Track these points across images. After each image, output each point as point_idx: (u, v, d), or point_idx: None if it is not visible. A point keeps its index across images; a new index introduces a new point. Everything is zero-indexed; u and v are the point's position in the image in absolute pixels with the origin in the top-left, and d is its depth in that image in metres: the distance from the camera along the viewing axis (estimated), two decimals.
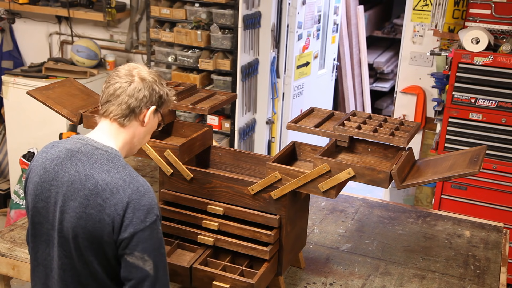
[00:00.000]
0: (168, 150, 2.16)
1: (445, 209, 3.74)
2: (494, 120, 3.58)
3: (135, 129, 1.71)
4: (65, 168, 1.62)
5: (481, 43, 3.51)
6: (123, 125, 1.68)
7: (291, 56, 4.99)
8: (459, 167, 1.97)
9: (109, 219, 1.55)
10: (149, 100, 1.68)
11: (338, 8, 5.78)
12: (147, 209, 1.57)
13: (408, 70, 4.49)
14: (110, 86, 1.67)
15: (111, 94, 1.67)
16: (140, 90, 1.66)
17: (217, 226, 2.10)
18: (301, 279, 2.25)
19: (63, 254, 1.62)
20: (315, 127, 2.20)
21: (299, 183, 2.00)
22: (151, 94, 1.68)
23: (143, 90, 1.67)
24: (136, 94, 1.66)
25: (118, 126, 1.68)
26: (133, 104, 1.66)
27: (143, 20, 5.08)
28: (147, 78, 1.68)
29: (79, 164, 1.61)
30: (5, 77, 4.78)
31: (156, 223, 1.59)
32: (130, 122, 1.68)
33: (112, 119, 1.68)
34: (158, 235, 1.60)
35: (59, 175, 1.62)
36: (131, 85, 1.66)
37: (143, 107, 1.68)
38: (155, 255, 1.58)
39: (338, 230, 2.63)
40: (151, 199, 1.60)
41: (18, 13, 5.33)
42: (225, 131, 4.78)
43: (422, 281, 2.27)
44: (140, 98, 1.66)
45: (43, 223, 1.66)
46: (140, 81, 1.67)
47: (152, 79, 1.69)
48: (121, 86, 1.66)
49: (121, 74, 1.68)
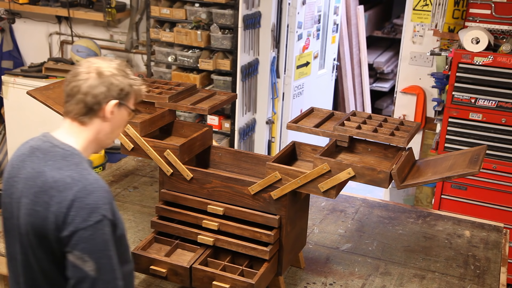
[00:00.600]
0: (168, 150, 2.16)
1: (445, 209, 3.74)
2: (494, 120, 3.58)
3: (98, 126, 1.67)
4: (25, 165, 1.62)
5: (481, 43, 3.50)
6: (84, 123, 1.66)
7: (291, 56, 4.99)
8: (459, 167, 1.97)
9: (53, 216, 1.52)
10: (107, 96, 1.64)
11: (338, 8, 5.78)
12: (91, 208, 1.52)
13: (408, 70, 4.49)
14: (68, 85, 1.65)
15: (69, 93, 1.65)
16: (96, 86, 1.62)
17: (217, 226, 2.10)
18: (301, 279, 2.25)
19: (21, 250, 1.63)
20: (315, 127, 2.20)
21: (299, 183, 2.00)
22: (109, 88, 1.64)
23: (100, 86, 1.63)
24: (92, 91, 1.62)
25: (78, 125, 1.66)
26: (90, 101, 1.63)
27: (143, 20, 5.08)
28: (104, 72, 1.64)
29: (36, 161, 1.61)
30: (5, 77, 4.78)
31: (102, 223, 1.53)
32: (91, 119, 1.65)
33: (72, 118, 1.66)
34: (103, 236, 1.53)
35: (20, 172, 1.62)
36: (87, 82, 1.62)
37: (102, 102, 1.64)
38: (99, 257, 1.52)
39: (338, 230, 2.63)
40: (98, 199, 1.54)
41: (18, 13, 5.33)
42: (225, 131, 4.78)
43: (422, 281, 2.27)
44: (97, 94, 1.62)
45: (9, 219, 1.67)
46: (96, 77, 1.63)
47: (110, 72, 1.65)
48: (77, 84, 1.63)
49: (78, 71, 1.65)
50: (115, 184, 2.95)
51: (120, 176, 3.05)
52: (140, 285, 2.16)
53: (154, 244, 2.20)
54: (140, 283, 2.17)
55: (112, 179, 3.00)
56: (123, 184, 2.96)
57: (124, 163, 3.22)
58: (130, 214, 2.66)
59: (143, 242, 2.16)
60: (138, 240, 2.44)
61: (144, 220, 2.60)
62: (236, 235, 2.10)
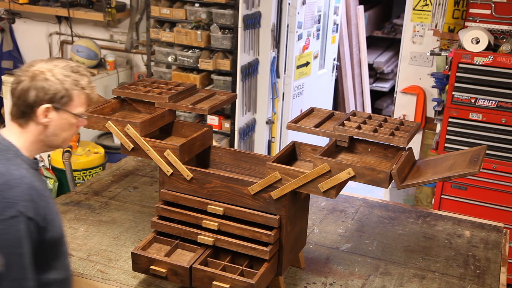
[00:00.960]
0: (168, 150, 2.16)
1: (445, 209, 3.74)
2: (494, 120, 3.58)
3: (35, 129, 1.66)
4: None
5: (481, 43, 3.51)
6: (21, 125, 1.65)
7: (291, 56, 4.99)
8: (459, 167, 1.97)
9: None
10: (37, 100, 1.61)
11: (338, 8, 5.78)
12: (8, 202, 1.50)
13: (408, 70, 4.49)
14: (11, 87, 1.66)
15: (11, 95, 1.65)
16: (27, 90, 1.60)
17: (217, 226, 2.10)
18: (301, 279, 2.25)
19: None
20: (315, 127, 2.20)
21: (299, 183, 2.00)
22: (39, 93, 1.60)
23: (31, 90, 1.60)
24: (24, 95, 1.60)
25: (17, 126, 1.66)
26: (21, 105, 1.62)
27: (143, 20, 5.08)
28: (38, 76, 1.60)
29: None
30: (5, 77, 4.77)
31: (17, 219, 1.50)
32: (27, 122, 1.64)
33: (12, 119, 1.67)
34: (17, 233, 1.50)
35: None
36: (20, 85, 1.61)
37: (34, 106, 1.61)
38: (9, 253, 1.49)
39: (338, 230, 2.63)
40: (18, 194, 1.52)
41: (18, 13, 5.33)
42: (225, 131, 4.78)
43: (422, 281, 2.27)
44: (27, 98, 1.60)
45: None
46: (29, 80, 1.60)
47: (44, 76, 1.61)
48: (12, 87, 1.63)
49: (17, 73, 1.64)
50: (115, 184, 2.95)
51: (120, 176, 3.05)
52: (140, 285, 2.16)
53: (154, 244, 2.20)
54: (140, 283, 2.17)
55: (112, 179, 3.00)
56: (123, 184, 2.96)
57: (124, 163, 3.22)
58: (130, 214, 2.66)
59: (143, 242, 2.16)
60: (138, 240, 2.44)
61: (144, 220, 2.60)
62: (236, 235, 2.10)
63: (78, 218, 2.59)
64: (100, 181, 2.98)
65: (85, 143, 4.60)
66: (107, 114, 2.43)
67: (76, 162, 4.31)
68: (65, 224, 1.88)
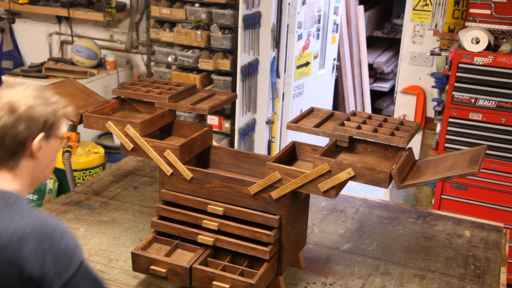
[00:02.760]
0: (168, 150, 2.16)
1: (445, 209, 3.74)
2: (494, 120, 3.58)
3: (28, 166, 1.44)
4: None
5: (481, 43, 3.50)
6: (12, 169, 1.42)
7: (291, 56, 4.99)
8: (459, 167, 1.97)
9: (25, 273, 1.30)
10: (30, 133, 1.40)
11: (338, 8, 5.78)
12: (69, 253, 1.35)
13: (408, 70, 4.49)
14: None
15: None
16: (12, 126, 1.37)
17: (217, 226, 2.10)
18: (301, 279, 2.25)
19: None
20: (315, 127, 2.20)
21: (299, 183, 2.00)
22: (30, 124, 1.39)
23: (17, 124, 1.37)
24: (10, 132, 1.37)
25: (8, 172, 1.42)
26: (10, 144, 1.38)
27: (143, 20, 5.08)
28: (19, 107, 1.38)
29: None
30: (5, 77, 4.78)
31: (83, 264, 1.37)
32: (18, 162, 1.42)
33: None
34: (90, 275, 1.39)
35: None
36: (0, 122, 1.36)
37: (26, 142, 1.40)
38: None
39: (338, 230, 2.63)
40: (69, 241, 1.36)
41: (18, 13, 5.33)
42: (225, 131, 4.78)
43: (422, 281, 2.27)
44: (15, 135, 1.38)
45: None
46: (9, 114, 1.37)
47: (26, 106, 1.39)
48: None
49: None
50: (115, 184, 2.95)
51: (120, 176, 3.05)
52: (140, 285, 2.16)
53: (154, 244, 2.20)
54: (140, 283, 2.17)
55: (112, 179, 3.00)
56: (123, 184, 2.96)
57: (124, 163, 3.22)
58: (130, 214, 2.66)
59: (143, 242, 2.16)
60: (138, 240, 2.44)
61: (144, 220, 2.60)
62: (236, 235, 2.10)
63: (78, 218, 2.59)
64: (100, 181, 2.98)
65: (85, 143, 4.60)
66: (107, 114, 2.43)
67: (76, 162, 4.31)
68: (65, 224, 1.87)
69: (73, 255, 1.36)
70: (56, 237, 1.34)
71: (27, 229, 1.32)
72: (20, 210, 1.36)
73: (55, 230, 1.35)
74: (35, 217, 1.35)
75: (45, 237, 1.32)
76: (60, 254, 1.33)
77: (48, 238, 1.33)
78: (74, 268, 1.35)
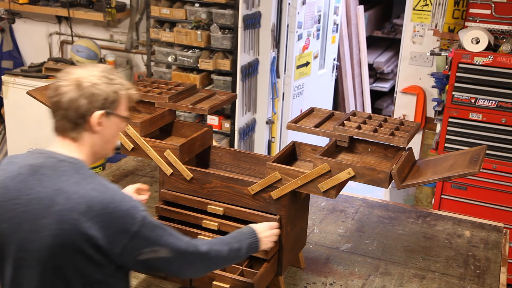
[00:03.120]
0: (168, 150, 2.16)
1: (445, 209, 3.74)
2: (494, 120, 3.58)
3: (89, 139, 1.59)
4: (30, 185, 1.50)
5: (481, 43, 3.51)
6: (75, 139, 1.57)
7: (291, 56, 4.99)
8: (459, 167, 1.97)
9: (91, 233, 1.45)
10: (90, 108, 1.54)
11: (338, 8, 5.78)
12: (131, 212, 1.49)
13: (408, 70, 4.49)
14: (49, 101, 1.57)
15: (53, 109, 1.57)
16: (76, 99, 1.52)
17: (217, 226, 2.10)
18: (301, 279, 2.25)
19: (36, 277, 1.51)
20: (315, 127, 2.20)
21: (299, 183, 2.00)
22: (91, 100, 1.53)
23: (80, 98, 1.52)
24: (73, 105, 1.52)
25: (71, 142, 1.58)
26: (72, 116, 1.53)
27: (143, 20, 5.08)
28: (83, 83, 1.53)
29: (45, 179, 1.50)
30: (5, 77, 4.78)
31: (145, 217, 1.52)
32: (80, 134, 1.57)
33: (62, 135, 1.58)
34: (154, 224, 1.54)
35: (23, 193, 1.50)
36: (65, 96, 1.52)
37: (86, 115, 1.54)
38: (164, 240, 1.54)
39: (338, 230, 2.63)
40: (130, 201, 1.51)
41: (18, 13, 5.33)
42: (225, 131, 4.78)
43: (422, 281, 2.27)
44: (78, 107, 1.53)
45: (8, 245, 1.53)
46: (75, 89, 1.53)
47: (90, 83, 1.53)
48: (57, 99, 1.54)
49: (57, 85, 1.55)
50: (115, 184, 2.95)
51: (120, 176, 3.05)
52: (140, 285, 2.16)
53: None
54: (140, 283, 2.17)
55: (112, 179, 3.00)
56: (123, 184, 2.96)
57: (124, 163, 3.22)
58: None
59: None
60: None
61: None
62: None
63: None
64: None
65: None
66: None
67: None
68: None
69: (135, 212, 1.49)
70: (118, 200, 1.49)
71: (93, 194, 1.48)
72: (86, 176, 1.52)
73: (117, 193, 1.51)
74: (98, 182, 1.52)
75: (108, 201, 1.48)
76: (124, 214, 1.48)
77: (111, 201, 1.48)
78: (138, 223, 1.49)
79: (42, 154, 1.56)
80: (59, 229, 1.45)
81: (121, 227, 1.47)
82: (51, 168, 1.52)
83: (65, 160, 1.54)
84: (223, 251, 1.69)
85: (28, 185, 1.51)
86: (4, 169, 1.58)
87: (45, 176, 1.51)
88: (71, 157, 1.56)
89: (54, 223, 1.45)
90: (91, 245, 1.46)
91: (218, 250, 1.68)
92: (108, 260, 1.50)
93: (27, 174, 1.52)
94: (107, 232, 1.46)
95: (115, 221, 1.47)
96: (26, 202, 1.49)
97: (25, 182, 1.52)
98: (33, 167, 1.53)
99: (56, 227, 1.45)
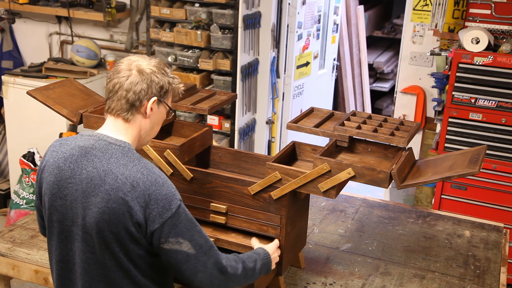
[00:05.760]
0: (168, 150, 2.16)
1: (445, 209, 3.74)
2: (494, 120, 3.58)
3: (140, 122, 1.72)
4: (82, 165, 1.64)
5: (481, 43, 3.51)
6: (127, 120, 1.70)
7: (291, 56, 4.99)
8: (459, 167, 1.97)
9: (133, 212, 1.58)
10: (148, 92, 1.69)
11: (338, 8, 5.78)
12: (169, 197, 1.62)
13: (408, 70, 4.49)
14: (110, 82, 1.70)
15: (111, 90, 1.70)
16: (137, 83, 1.67)
17: (225, 220, 2.11)
18: (301, 279, 2.25)
19: (86, 249, 1.66)
20: (315, 127, 2.20)
21: (299, 183, 2.00)
22: (150, 86, 1.69)
23: (141, 83, 1.68)
24: (134, 88, 1.67)
25: (123, 122, 1.71)
26: (131, 98, 1.67)
27: (143, 20, 5.08)
28: (145, 70, 1.69)
29: (96, 160, 1.64)
30: (5, 77, 4.77)
31: (181, 207, 1.64)
32: (133, 116, 1.70)
33: (116, 115, 1.71)
34: (186, 216, 1.65)
35: (76, 173, 1.65)
36: (128, 79, 1.67)
37: (143, 99, 1.69)
38: (191, 235, 1.64)
39: (338, 230, 2.63)
40: (170, 187, 1.64)
41: (18, 13, 5.33)
42: (225, 131, 4.78)
43: (422, 281, 2.27)
44: (138, 91, 1.67)
45: (62, 221, 1.69)
46: (137, 74, 1.68)
47: (150, 70, 1.70)
48: (118, 81, 1.68)
49: (119, 68, 1.70)
50: None
51: None
52: None
53: None
54: None
55: None
56: None
57: None
58: None
59: None
60: None
61: None
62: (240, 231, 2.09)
63: None
64: None
65: None
66: None
67: None
68: None
69: (172, 199, 1.62)
70: (159, 183, 1.62)
71: (138, 175, 1.61)
72: (132, 159, 1.65)
73: (159, 178, 1.63)
74: (144, 165, 1.64)
75: (151, 183, 1.61)
76: (162, 198, 1.61)
77: (153, 184, 1.61)
78: (173, 210, 1.61)
79: (92, 137, 1.70)
80: (107, 207, 1.59)
81: (156, 209, 1.60)
82: (101, 150, 1.65)
83: (114, 143, 1.67)
84: (239, 269, 1.77)
85: (80, 165, 1.65)
86: (55, 151, 1.72)
87: (96, 157, 1.64)
88: (120, 140, 1.69)
89: (102, 201, 1.60)
90: (133, 223, 1.59)
91: (234, 267, 1.75)
92: (146, 239, 1.63)
93: (79, 155, 1.66)
94: (145, 212, 1.59)
95: (153, 203, 1.59)
96: (78, 181, 1.64)
97: (77, 162, 1.66)
98: (84, 148, 1.67)
99: (104, 204, 1.59)
